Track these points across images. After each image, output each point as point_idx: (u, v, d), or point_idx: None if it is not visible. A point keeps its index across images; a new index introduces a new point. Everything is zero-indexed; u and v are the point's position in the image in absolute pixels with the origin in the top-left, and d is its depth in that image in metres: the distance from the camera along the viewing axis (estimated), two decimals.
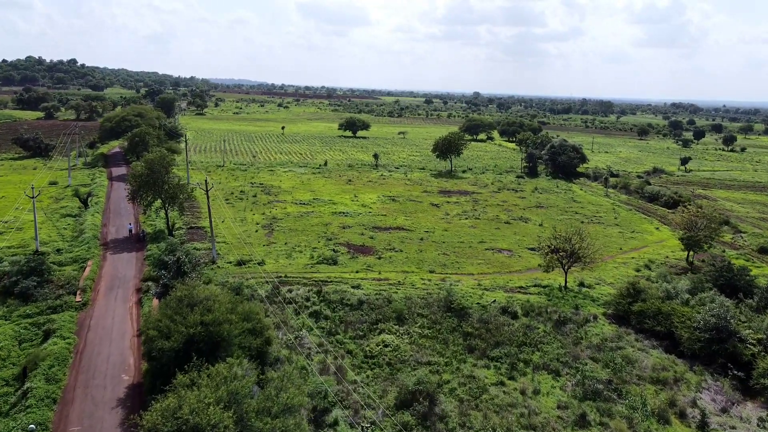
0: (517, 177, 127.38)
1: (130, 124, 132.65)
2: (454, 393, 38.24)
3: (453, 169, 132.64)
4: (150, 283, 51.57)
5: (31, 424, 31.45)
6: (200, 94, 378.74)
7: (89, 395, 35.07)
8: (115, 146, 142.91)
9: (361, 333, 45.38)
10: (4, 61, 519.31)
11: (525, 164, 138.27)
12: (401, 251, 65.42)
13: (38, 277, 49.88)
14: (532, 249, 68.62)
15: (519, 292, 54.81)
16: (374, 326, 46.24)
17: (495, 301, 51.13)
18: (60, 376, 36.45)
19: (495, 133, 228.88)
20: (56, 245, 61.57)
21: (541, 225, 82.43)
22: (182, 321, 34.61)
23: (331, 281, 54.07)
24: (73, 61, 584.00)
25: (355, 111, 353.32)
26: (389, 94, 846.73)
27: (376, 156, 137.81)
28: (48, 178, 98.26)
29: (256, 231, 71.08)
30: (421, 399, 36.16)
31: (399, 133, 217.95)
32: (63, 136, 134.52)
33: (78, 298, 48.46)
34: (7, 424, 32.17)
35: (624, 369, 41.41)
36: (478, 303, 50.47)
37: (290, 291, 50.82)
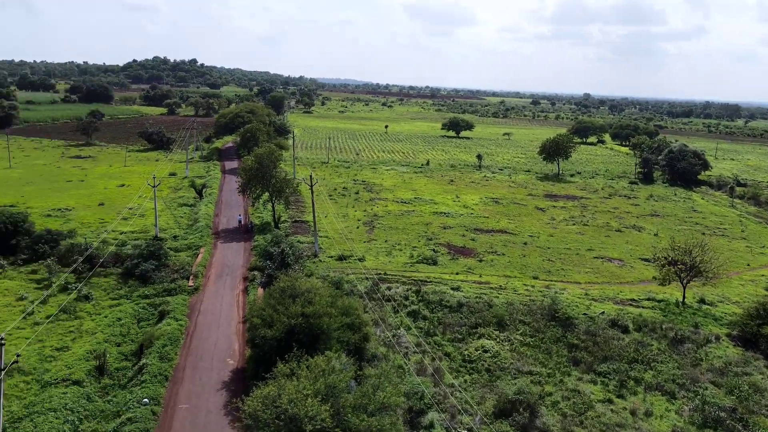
0: (631, 183, 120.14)
1: (242, 121, 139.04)
2: (557, 406, 36.19)
3: (560, 172, 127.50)
4: (256, 273, 53.41)
5: (145, 398, 33.35)
6: (308, 93, 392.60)
7: (197, 376, 36.68)
8: (228, 141, 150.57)
9: (459, 336, 44.28)
10: (134, 60, 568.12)
11: (639, 170, 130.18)
12: (503, 255, 63.45)
13: (156, 261, 53.13)
14: (646, 260, 64.13)
15: (630, 304, 51.24)
16: (473, 330, 44.96)
17: (603, 312, 48.10)
18: (172, 356, 38.41)
19: (606, 137, 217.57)
20: (173, 232, 65.59)
21: (656, 235, 76.93)
22: (284, 311, 35.27)
23: (430, 281, 53.35)
24: (194, 61, 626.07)
25: (459, 111, 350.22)
26: (494, 94, 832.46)
27: (479, 157, 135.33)
28: (168, 170, 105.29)
29: (357, 227, 71.83)
30: (521, 409, 34.49)
31: (504, 134, 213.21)
32: (182, 131, 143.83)
33: (190, 283, 51.12)
34: (125, 396, 34.38)
35: (751, 397, 37.32)
36: (584, 314, 47.71)
37: (389, 289, 50.67)
